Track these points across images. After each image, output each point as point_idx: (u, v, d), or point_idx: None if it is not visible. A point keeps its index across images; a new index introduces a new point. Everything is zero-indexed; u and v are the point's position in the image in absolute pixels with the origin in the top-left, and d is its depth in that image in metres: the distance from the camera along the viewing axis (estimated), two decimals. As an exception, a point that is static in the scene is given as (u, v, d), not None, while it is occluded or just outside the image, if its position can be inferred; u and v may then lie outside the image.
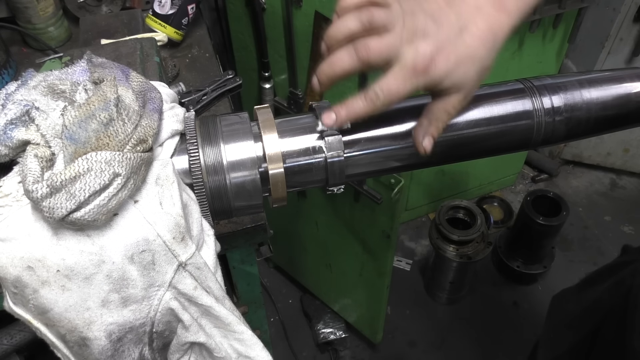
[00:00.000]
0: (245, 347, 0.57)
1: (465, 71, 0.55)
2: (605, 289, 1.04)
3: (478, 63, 0.55)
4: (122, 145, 0.49)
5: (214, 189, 0.57)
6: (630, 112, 0.66)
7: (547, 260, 2.32)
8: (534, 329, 2.20)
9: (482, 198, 2.63)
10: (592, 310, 1.06)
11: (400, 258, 2.46)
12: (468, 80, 0.56)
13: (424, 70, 0.53)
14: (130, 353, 0.53)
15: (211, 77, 1.19)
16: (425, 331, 2.22)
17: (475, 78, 0.56)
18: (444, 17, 0.54)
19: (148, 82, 0.57)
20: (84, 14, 1.39)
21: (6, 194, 0.50)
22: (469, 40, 0.54)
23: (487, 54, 0.55)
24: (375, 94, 0.54)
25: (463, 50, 0.54)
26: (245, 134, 0.58)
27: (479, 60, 0.55)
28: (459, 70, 0.54)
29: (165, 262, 0.51)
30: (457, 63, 0.54)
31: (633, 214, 2.60)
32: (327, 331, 2.14)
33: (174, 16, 1.32)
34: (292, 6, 1.37)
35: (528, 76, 0.66)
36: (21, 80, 0.55)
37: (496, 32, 0.55)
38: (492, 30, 0.55)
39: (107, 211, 0.47)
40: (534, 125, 0.63)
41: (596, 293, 1.07)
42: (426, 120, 0.59)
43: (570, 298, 1.18)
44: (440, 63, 0.53)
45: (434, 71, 0.53)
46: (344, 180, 0.61)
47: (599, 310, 1.03)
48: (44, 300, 0.48)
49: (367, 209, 1.57)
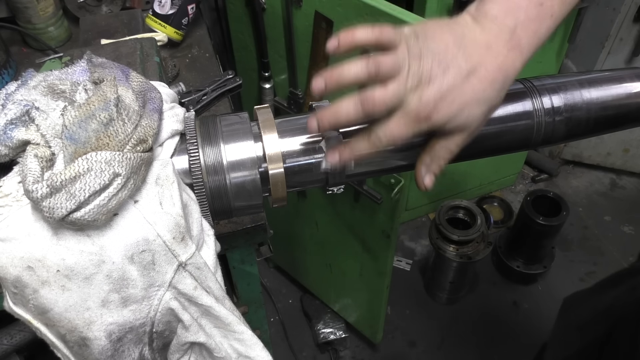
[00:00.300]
0: (245, 347, 0.57)
1: (469, 114, 0.54)
2: (619, 295, 1.03)
3: (484, 104, 0.55)
4: (122, 145, 0.49)
5: (214, 189, 0.57)
6: (630, 112, 0.65)
7: (547, 260, 2.32)
8: (534, 329, 2.21)
9: (482, 198, 2.63)
10: (605, 314, 1.05)
11: (400, 258, 2.46)
12: (472, 122, 0.55)
13: (426, 117, 0.53)
14: (130, 353, 0.53)
15: (211, 77, 1.19)
16: (425, 331, 2.22)
17: (482, 118, 0.56)
18: (451, 60, 0.53)
19: (148, 82, 0.57)
20: (84, 14, 1.39)
21: (6, 194, 0.50)
22: (476, 84, 0.53)
23: (495, 94, 0.55)
24: (378, 138, 0.54)
25: (469, 95, 0.53)
26: (245, 134, 0.58)
27: (485, 102, 0.55)
28: (463, 114, 0.54)
29: (165, 262, 0.51)
30: (462, 107, 0.53)
31: (633, 214, 2.60)
32: (327, 331, 2.14)
33: (174, 16, 1.32)
34: (292, 6, 1.37)
35: (528, 76, 0.66)
36: (21, 80, 0.55)
37: (507, 71, 0.54)
38: (502, 71, 0.54)
39: (107, 211, 0.47)
40: (534, 125, 0.63)
41: (609, 298, 1.06)
42: (428, 158, 0.59)
43: (583, 301, 1.17)
44: (443, 109, 0.53)
45: (436, 117, 0.53)
46: (344, 180, 0.61)
47: (611, 315, 1.02)
48: (44, 300, 0.48)
49: (367, 209, 1.57)
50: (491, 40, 0.54)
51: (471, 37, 0.54)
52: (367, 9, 1.15)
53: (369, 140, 0.55)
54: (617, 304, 1.02)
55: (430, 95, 0.53)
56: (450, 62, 0.53)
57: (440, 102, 0.53)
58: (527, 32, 0.54)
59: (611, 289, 1.07)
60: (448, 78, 0.53)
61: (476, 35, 0.54)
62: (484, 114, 0.55)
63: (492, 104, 0.56)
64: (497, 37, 0.53)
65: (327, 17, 1.28)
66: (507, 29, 0.53)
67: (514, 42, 0.53)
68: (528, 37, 0.54)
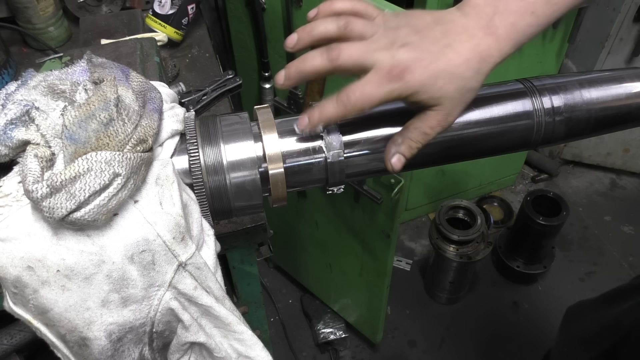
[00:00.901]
0: (245, 347, 0.57)
1: (443, 85, 0.53)
2: (627, 309, 1.02)
3: (459, 81, 0.53)
4: (122, 145, 0.49)
5: (214, 189, 0.57)
6: (630, 112, 0.65)
7: (547, 260, 2.32)
8: (533, 329, 2.21)
9: (482, 198, 2.63)
10: (611, 328, 1.04)
11: (400, 258, 2.46)
12: (446, 97, 0.53)
13: (399, 75, 0.52)
14: (130, 353, 0.53)
15: (211, 77, 1.19)
16: (425, 331, 2.22)
17: (456, 96, 0.54)
18: (429, 31, 0.53)
19: (148, 82, 0.57)
20: (84, 14, 1.39)
21: (6, 194, 0.50)
22: (452, 56, 0.52)
23: (471, 74, 0.54)
24: (347, 96, 0.53)
25: (444, 64, 0.52)
26: (245, 134, 0.58)
27: (460, 79, 0.53)
28: (436, 84, 0.52)
29: (165, 262, 0.51)
30: (435, 75, 0.52)
31: (633, 214, 2.60)
32: (327, 331, 2.14)
33: (174, 16, 1.32)
34: (292, 6, 1.37)
35: (528, 76, 0.66)
36: (21, 80, 0.55)
37: (482, 54, 0.53)
38: (477, 52, 0.53)
39: (107, 211, 0.47)
40: (534, 125, 0.63)
41: (616, 311, 1.05)
42: (400, 138, 0.57)
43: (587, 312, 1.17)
44: (416, 71, 0.52)
45: (409, 78, 0.52)
46: (344, 180, 0.61)
47: (618, 329, 1.01)
48: (44, 300, 0.48)
49: (367, 209, 1.57)
50: (468, 24, 0.54)
51: (449, 18, 0.55)
52: (367, 9, 1.15)
53: (338, 100, 0.53)
54: (625, 317, 1.01)
55: (404, 54, 0.52)
56: (428, 33, 0.53)
57: (413, 64, 0.52)
58: (504, 23, 0.54)
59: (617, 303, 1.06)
60: (423, 43, 0.53)
61: (455, 18, 0.55)
62: (457, 92, 0.54)
63: (466, 85, 0.54)
64: (475, 22, 0.54)
65: (327, 17, 1.28)
66: (485, 15, 0.54)
67: (491, 29, 0.54)
68: (505, 27, 0.54)
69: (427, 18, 0.55)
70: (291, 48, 0.57)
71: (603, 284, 2.32)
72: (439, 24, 0.54)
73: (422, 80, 0.52)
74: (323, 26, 0.55)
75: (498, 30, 0.54)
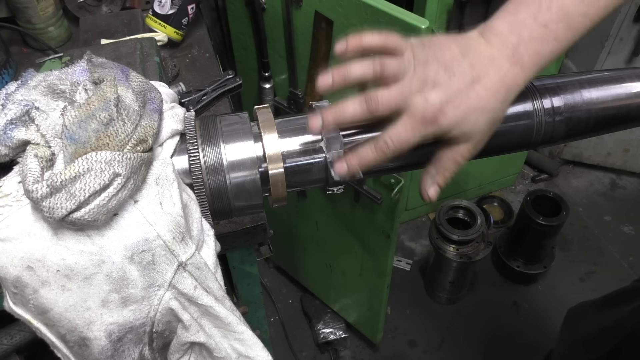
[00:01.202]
0: (245, 347, 0.57)
1: (475, 121, 0.55)
2: (629, 312, 1.02)
3: (488, 114, 0.55)
4: (122, 145, 0.49)
5: (214, 189, 0.57)
6: (630, 112, 0.65)
7: (547, 260, 2.32)
8: (533, 329, 2.21)
9: (482, 198, 2.63)
10: (613, 331, 1.04)
11: (400, 258, 2.45)
12: (477, 131, 0.56)
13: (432, 119, 0.53)
14: (130, 353, 0.53)
15: (211, 77, 1.18)
16: (425, 331, 2.22)
17: (485, 129, 0.56)
18: (457, 67, 0.54)
19: (148, 82, 0.57)
20: (84, 14, 1.39)
21: (6, 194, 0.50)
22: (480, 92, 0.54)
23: (499, 106, 0.55)
24: (385, 143, 0.54)
25: (474, 101, 0.54)
26: (245, 134, 0.58)
27: (489, 112, 0.55)
28: (469, 121, 0.54)
29: (165, 262, 0.51)
30: (467, 113, 0.54)
31: (633, 214, 2.60)
32: (327, 331, 2.14)
33: (174, 16, 1.32)
34: (292, 6, 1.37)
35: (528, 76, 0.66)
36: (21, 80, 0.55)
37: (509, 85, 0.55)
38: (504, 83, 0.54)
39: (107, 211, 0.47)
40: (534, 125, 0.63)
41: (618, 314, 1.04)
42: (434, 169, 0.59)
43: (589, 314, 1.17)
44: (449, 113, 0.53)
45: (443, 121, 0.53)
46: (344, 180, 0.61)
47: (620, 332, 1.01)
48: (44, 300, 0.48)
49: (367, 209, 1.57)
50: (495, 54, 0.55)
51: (476, 48, 0.55)
52: (367, 9, 1.15)
53: (376, 146, 0.55)
54: (627, 320, 1.01)
55: (437, 98, 0.53)
56: (456, 68, 0.54)
57: (446, 105, 0.53)
58: (529, 51, 0.54)
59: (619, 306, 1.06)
60: (454, 82, 0.54)
61: (481, 47, 0.55)
62: (487, 124, 0.56)
63: (495, 116, 0.56)
64: (501, 51, 0.55)
65: (327, 17, 1.28)
66: (510, 45, 0.54)
67: (517, 58, 0.54)
68: (530, 55, 0.55)
69: (454, 48, 0.55)
70: (323, 90, 0.56)
71: (603, 284, 2.33)
72: (465, 55, 0.55)
73: (455, 120, 0.54)
74: (360, 70, 0.55)
75: (523, 59, 0.54)
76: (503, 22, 0.56)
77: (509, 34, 0.55)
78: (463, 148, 0.57)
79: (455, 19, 1.81)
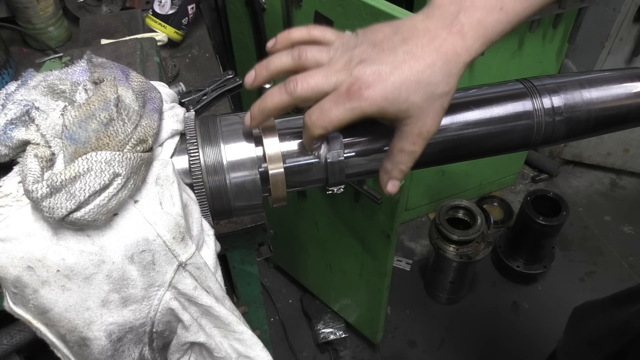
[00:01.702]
0: (245, 347, 0.57)
1: (409, 96, 0.50)
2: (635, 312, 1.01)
3: (426, 87, 0.50)
4: (122, 145, 0.49)
5: (214, 189, 0.57)
6: (630, 112, 0.65)
7: (547, 260, 2.32)
8: (533, 329, 2.21)
9: (482, 198, 2.63)
10: (619, 331, 1.03)
11: (400, 258, 2.46)
12: (415, 107, 0.50)
13: (357, 92, 0.49)
14: (130, 353, 0.53)
15: (211, 77, 1.19)
16: (425, 331, 2.22)
17: (425, 105, 0.51)
18: (387, 43, 0.51)
19: (148, 82, 0.57)
20: (84, 14, 1.39)
21: (6, 194, 0.50)
22: (413, 64, 0.50)
23: (439, 78, 0.50)
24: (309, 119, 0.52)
25: (406, 73, 0.49)
26: (245, 134, 0.58)
27: (426, 85, 0.50)
28: (401, 95, 0.49)
29: (165, 262, 0.51)
30: (397, 87, 0.49)
31: (633, 214, 2.60)
32: (327, 331, 2.14)
33: (174, 16, 1.32)
34: (292, 6, 1.37)
35: (528, 76, 0.66)
36: (21, 80, 0.55)
37: (448, 55, 0.50)
38: (440, 53, 0.50)
39: (107, 211, 0.47)
40: (534, 125, 0.63)
41: (624, 315, 1.04)
42: (389, 164, 0.56)
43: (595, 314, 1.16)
44: (376, 85, 0.49)
45: (369, 94, 0.49)
46: (344, 180, 0.61)
47: (626, 332, 1.01)
48: (44, 300, 0.48)
49: (367, 209, 1.57)
50: (430, 26, 0.52)
51: (410, 24, 0.53)
52: (367, 9, 1.15)
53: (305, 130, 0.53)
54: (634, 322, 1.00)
55: (361, 70, 0.50)
56: (385, 44, 0.51)
57: (372, 77, 0.49)
58: (470, 19, 0.51)
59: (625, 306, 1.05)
60: (382, 57, 0.50)
61: (416, 22, 0.53)
62: (426, 101, 0.51)
63: (436, 91, 0.51)
64: (437, 22, 0.52)
65: (327, 17, 1.28)
66: (449, 14, 0.51)
67: (456, 27, 0.51)
68: (472, 24, 0.51)
69: (386, 29, 0.53)
70: (250, 85, 0.56)
71: (603, 284, 2.33)
72: (398, 32, 0.52)
73: (384, 94, 0.49)
74: (278, 60, 0.55)
75: (464, 28, 0.51)
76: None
77: (450, 4, 0.52)
78: (408, 133, 0.52)
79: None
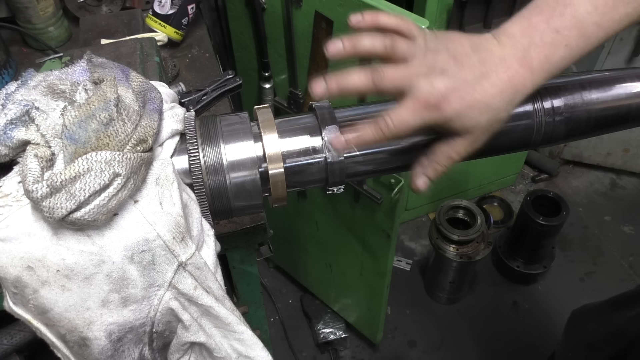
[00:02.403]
0: (245, 347, 0.57)
1: (477, 116, 0.54)
2: (633, 316, 1.01)
3: (492, 112, 0.55)
4: (122, 145, 0.49)
5: (214, 189, 0.57)
6: (630, 112, 0.65)
7: (547, 260, 2.32)
8: (533, 329, 2.21)
9: (482, 198, 2.63)
10: (617, 336, 1.03)
11: (400, 258, 2.45)
12: (477, 127, 0.55)
13: (435, 105, 0.53)
14: (130, 353, 0.53)
15: (211, 77, 1.18)
16: (425, 331, 2.22)
17: (486, 126, 0.55)
18: (466, 60, 0.54)
19: (148, 82, 0.57)
20: (84, 14, 1.39)
21: (6, 194, 0.50)
22: (487, 87, 0.54)
23: (503, 106, 0.55)
24: (385, 123, 0.54)
25: (479, 95, 0.54)
26: (245, 134, 0.58)
27: (493, 109, 0.54)
28: (471, 114, 0.54)
29: (165, 262, 0.51)
30: (470, 106, 0.53)
31: (633, 214, 2.60)
32: (327, 331, 2.14)
33: (174, 16, 1.32)
34: (292, 6, 1.37)
35: (528, 76, 0.66)
36: (21, 80, 0.55)
37: (517, 86, 0.54)
38: (512, 84, 0.54)
39: (107, 211, 0.47)
40: (534, 126, 0.63)
41: (622, 319, 1.04)
42: (426, 160, 0.59)
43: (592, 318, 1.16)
44: (453, 102, 0.53)
45: (446, 108, 0.53)
46: (344, 180, 0.61)
47: (624, 337, 1.01)
48: (44, 300, 0.48)
49: (367, 209, 1.57)
50: (505, 54, 0.55)
51: (487, 46, 0.55)
52: (367, 9, 1.15)
53: (376, 125, 0.54)
54: (631, 326, 1.00)
55: (443, 84, 0.53)
56: (465, 61, 0.54)
57: (451, 94, 0.53)
58: (539, 55, 0.54)
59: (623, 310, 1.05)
60: (462, 73, 0.54)
61: (492, 46, 0.55)
62: (488, 122, 0.55)
63: (498, 116, 0.55)
64: (511, 52, 0.55)
65: (327, 17, 1.28)
66: (521, 47, 0.55)
67: (526, 60, 0.54)
68: (540, 60, 0.54)
69: (465, 44, 0.55)
70: (333, 55, 0.56)
71: (603, 284, 2.33)
72: (476, 51, 0.55)
73: (457, 110, 0.53)
74: (370, 42, 0.56)
75: (533, 62, 0.54)
76: (516, 25, 0.56)
77: (521, 37, 0.55)
78: (459, 143, 0.56)
79: (455, 18, 1.81)
